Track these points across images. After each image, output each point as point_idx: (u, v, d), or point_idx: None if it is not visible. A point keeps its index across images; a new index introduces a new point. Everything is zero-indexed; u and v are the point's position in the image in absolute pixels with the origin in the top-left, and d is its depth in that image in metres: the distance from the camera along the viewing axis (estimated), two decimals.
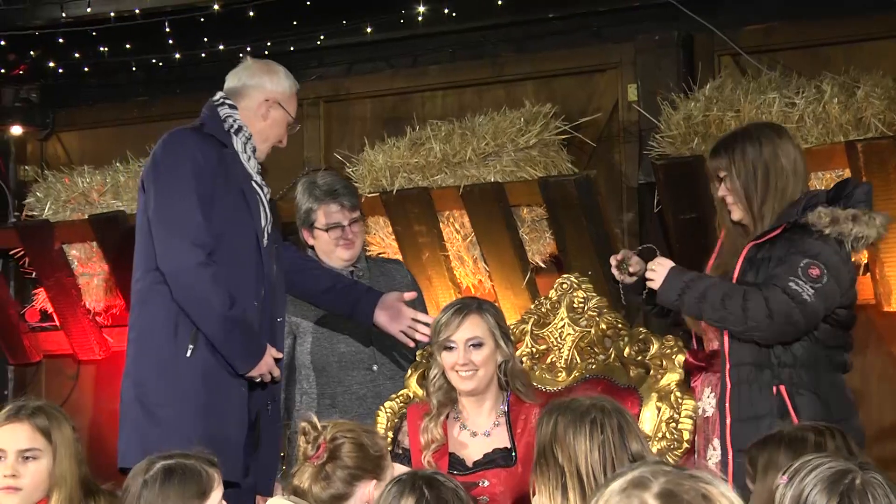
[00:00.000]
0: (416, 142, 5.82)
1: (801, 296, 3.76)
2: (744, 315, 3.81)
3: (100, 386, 6.82)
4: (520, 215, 5.74)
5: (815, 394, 3.78)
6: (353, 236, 4.86)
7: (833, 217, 3.80)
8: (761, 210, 3.93)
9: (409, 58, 6.32)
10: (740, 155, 3.96)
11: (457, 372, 4.02)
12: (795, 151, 3.98)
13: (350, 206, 4.86)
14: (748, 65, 5.56)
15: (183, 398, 4.18)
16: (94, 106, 7.02)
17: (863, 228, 3.80)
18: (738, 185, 3.95)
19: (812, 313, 3.78)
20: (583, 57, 5.95)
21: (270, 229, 4.39)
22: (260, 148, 4.42)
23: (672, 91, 5.49)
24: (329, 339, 4.81)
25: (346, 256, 4.85)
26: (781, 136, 4.00)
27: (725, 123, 5.20)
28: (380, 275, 4.93)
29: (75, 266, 6.66)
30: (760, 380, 3.83)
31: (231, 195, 4.26)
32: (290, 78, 4.50)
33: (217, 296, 4.15)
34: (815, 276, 3.78)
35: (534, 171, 5.63)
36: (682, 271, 3.97)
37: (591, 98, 5.96)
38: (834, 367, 3.86)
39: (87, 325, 6.71)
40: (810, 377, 3.80)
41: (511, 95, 6.02)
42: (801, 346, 3.83)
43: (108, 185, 6.48)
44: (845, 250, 3.83)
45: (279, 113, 4.43)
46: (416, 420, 4.11)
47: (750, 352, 3.86)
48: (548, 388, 4.36)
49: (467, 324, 4.04)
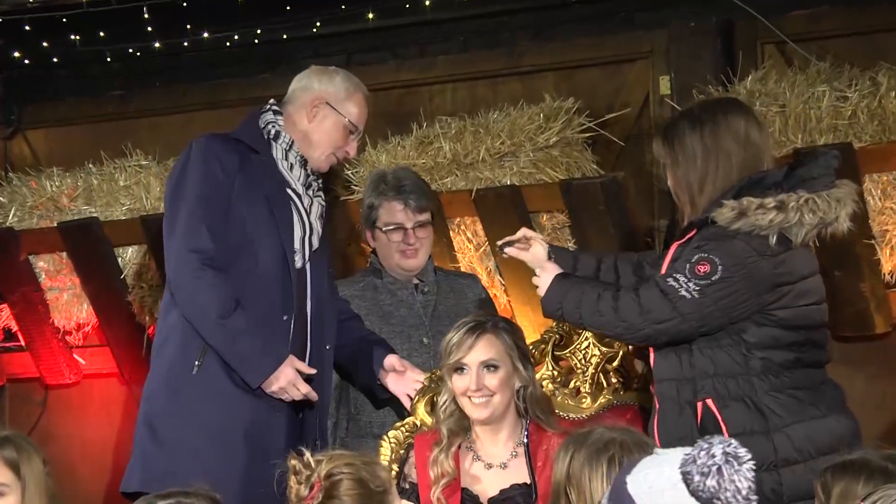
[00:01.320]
0: (423, 140, 5.82)
1: (679, 292, 3.74)
2: (616, 316, 3.82)
3: (71, 413, 6.79)
4: (539, 222, 5.73)
5: (745, 402, 3.76)
6: (417, 243, 4.79)
7: (740, 210, 3.74)
8: (699, 201, 3.88)
9: (416, 47, 6.33)
10: (679, 141, 3.91)
11: (469, 398, 4.01)
12: (748, 127, 3.89)
13: (416, 206, 4.80)
14: (795, 54, 5.55)
15: (188, 418, 4.30)
16: (65, 101, 7.02)
17: (792, 216, 3.72)
18: (680, 175, 3.92)
19: (693, 311, 3.74)
20: (610, 46, 5.95)
21: (314, 243, 4.48)
22: (312, 156, 4.53)
23: (709, 84, 5.48)
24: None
25: (407, 266, 4.80)
26: (730, 111, 3.92)
27: (769, 120, 5.19)
28: (449, 291, 4.88)
29: (43, 279, 6.65)
30: (682, 396, 3.81)
31: (256, 204, 4.39)
32: (349, 81, 4.60)
33: (213, 302, 4.27)
34: (703, 273, 3.73)
35: (554, 172, 5.62)
36: (565, 278, 3.98)
37: (619, 92, 5.96)
38: (776, 370, 3.81)
39: (55, 346, 6.70)
40: (739, 385, 3.77)
41: (529, 89, 6.02)
42: (725, 353, 3.80)
43: (80, 190, 6.47)
44: (765, 244, 3.74)
45: (328, 114, 4.53)
46: (424, 451, 4.10)
47: (670, 367, 3.85)
48: (570, 416, 4.35)
49: (481, 344, 4.03)
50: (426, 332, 4.72)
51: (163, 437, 4.33)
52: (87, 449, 6.68)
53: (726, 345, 3.79)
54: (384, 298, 4.80)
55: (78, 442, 6.65)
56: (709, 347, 3.80)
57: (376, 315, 4.76)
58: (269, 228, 4.39)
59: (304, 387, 4.34)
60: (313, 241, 4.50)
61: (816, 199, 3.75)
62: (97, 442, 6.64)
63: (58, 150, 7.08)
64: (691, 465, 2.69)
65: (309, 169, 4.56)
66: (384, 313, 4.76)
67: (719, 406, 3.75)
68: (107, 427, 6.63)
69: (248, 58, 6.56)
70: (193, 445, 4.27)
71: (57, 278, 6.64)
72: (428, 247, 4.85)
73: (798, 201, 3.74)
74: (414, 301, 4.77)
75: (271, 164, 4.48)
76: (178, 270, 4.34)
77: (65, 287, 6.64)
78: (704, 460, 2.68)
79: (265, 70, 6.56)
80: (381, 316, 4.75)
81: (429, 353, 4.65)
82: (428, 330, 4.73)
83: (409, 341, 4.72)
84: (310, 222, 4.50)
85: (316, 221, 4.53)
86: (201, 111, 6.68)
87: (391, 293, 4.81)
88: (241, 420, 4.32)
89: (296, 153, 4.52)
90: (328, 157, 4.57)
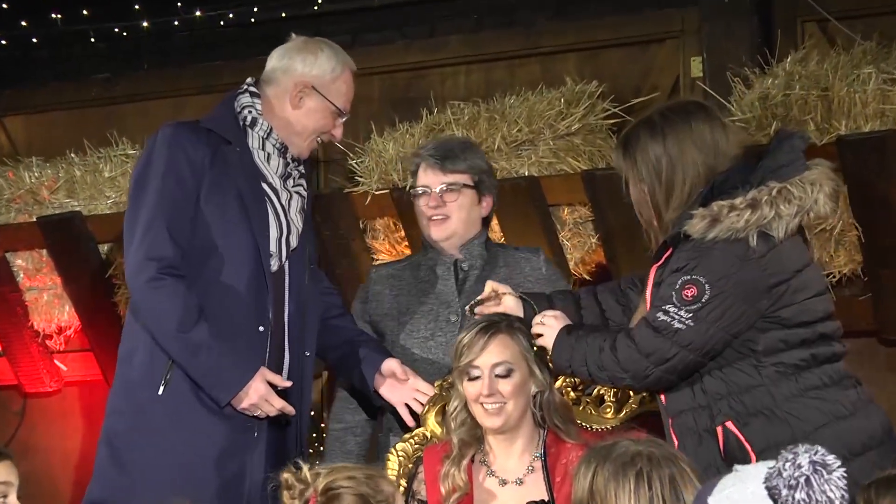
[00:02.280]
0: (433, 128, 5.82)
1: (672, 325, 3.73)
2: (619, 367, 3.82)
3: (51, 424, 6.81)
4: (559, 216, 5.73)
5: (766, 415, 3.75)
6: (445, 209, 4.64)
7: (712, 217, 3.71)
8: (666, 216, 3.87)
9: (426, 26, 6.33)
10: (641, 153, 3.89)
11: (481, 405, 4.00)
12: (713, 133, 3.86)
13: (439, 165, 4.63)
14: (838, 33, 5.54)
15: (152, 440, 4.24)
16: (45, 85, 7.04)
17: (768, 210, 3.69)
18: (645, 190, 3.89)
19: (694, 340, 3.73)
20: (637, 24, 5.95)
21: (292, 242, 4.43)
22: (295, 143, 4.46)
23: (745, 66, 5.48)
24: (403, 342, 4.69)
25: (434, 236, 4.66)
26: (693, 117, 3.88)
27: (810, 105, 5.19)
28: (502, 265, 4.71)
29: (21, 279, 6.66)
30: (699, 425, 3.80)
31: (226, 204, 4.32)
32: (335, 59, 4.50)
33: (172, 314, 4.21)
34: (692, 297, 3.72)
35: (576, 162, 5.62)
36: (569, 332, 3.96)
37: (647, 74, 5.96)
38: (791, 373, 3.79)
39: (35, 351, 6.70)
40: (756, 399, 3.76)
41: (549, 71, 6.02)
42: (735, 369, 3.78)
43: (62, 181, 6.48)
44: (746, 248, 3.71)
45: (315, 100, 4.45)
46: (434, 465, 4.08)
47: (682, 398, 3.84)
48: (593, 427, 4.34)
49: (494, 346, 4.01)
50: (455, 309, 4.65)
51: (124, 458, 4.28)
52: (68, 461, 6.69)
53: (735, 360, 3.78)
54: (424, 275, 4.71)
55: (59, 454, 6.66)
56: (717, 368, 3.79)
57: (408, 294, 4.69)
58: (240, 231, 4.31)
59: (277, 402, 4.27)
60: (291, 241, 4.42)
61: (790, 188, 3.73)
62: (79, 454, 6.65)
63: (37, 138, 7.10)
64: (777, 478, 2.68)
65: (289, 157, 4.47)
66: (419, 291, 4.69)
67: (740, 425, 3.74)
68: (90, 438, 6.61)
69: (243, 38, 6.56)
70: (157, 471, 4.20)
71: (36, 277, 6.66)
72: (462, 216, 4.64)
73: (770, 194, 3.71)
74: (449, 276, 4.71)
75: (245, 156, 4.38)
76: (134, 280, 4.26)
77: (45, 287, 6.65)
78: (791, 472, 2.67)
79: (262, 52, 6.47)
80: (414, 294, 4.68)
81: (454, 331, 4.55)
82: (458, 306, 4.63)
83: (437, 320, 4.64)
84: (287, 220, 4.42)
85: (295, 217, 4.45)
86: (193, 96, 6.68)
87: (430, 269, 4.71)
88: (213, 444, 4.25)
89: (274, 141, 4.43)
90: (311, 143, 4.50)
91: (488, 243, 4.75)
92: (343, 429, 4.70)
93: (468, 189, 4.65)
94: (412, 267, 4.76)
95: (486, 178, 4.70)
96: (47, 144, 6.91)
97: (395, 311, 4.69)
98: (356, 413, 4.72)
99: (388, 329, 4.68)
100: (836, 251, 5.37)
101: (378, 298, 4.72)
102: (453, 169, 4.63)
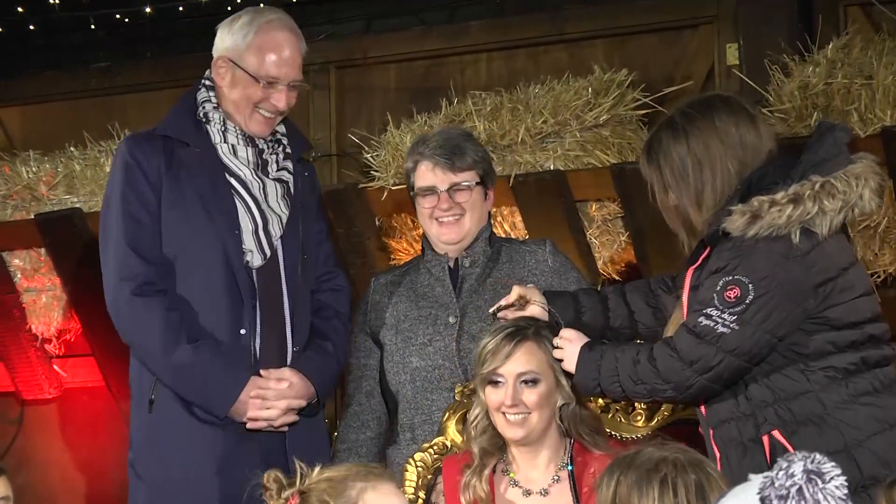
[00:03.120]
0: (453, 119, 5.84)
1: (716, 330, 3.73)
2: (659, 377, 3.81)
3: (50, 433, 6.83)
4: (587, 213, 5.74)
5: (815, 423, 3.76)
6: (456, 209, 4.62)
7: (752, 213, 3.73)
8: (697, 220, 3.88)
9: (445, 11, 6.35)
10: (665, 157, 3.91)
11: (503, 414, 4.01)
12: (739, 126, 3.88)
13: (447, 164, 4.60)
14: (883, 17, 5.55)
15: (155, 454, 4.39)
16: (42, 74, 7.08)
17: (811, 206, 3.71)
18: (673, 196, 3.91)
19: (739, 345, 3.74)
20: (668, 9, 5.96)
21: (275, 230, 4.45)
22: (238, 121, 4.45)
23: (784, 52, 5.49)
24: (402, 351, 4.69)
25: (445, 238, 4.65)
26: (716, 112, 3.91)
27: (853, 94, 5.19)
28: (505, 260, 4.70)
29: (18, 279, 6.69)
30: (744, 435, 3.80)
31: (188, 207, 4.38)
32: (249, 24, 4.45)
33: (151, 338, 4.32)
34: (735, 298, 3.73)
35: (605, 155, 5.64)
36: (592, 348, 3.96)
37: (679, 62, 5.97)
38: (841, 378, 3.80)
39: (33, 356, 6.73)
40: (804, 406, 3.77)
41: (576, 59, 6.04)
42: (781, 375, 3.79)
43: (61, 176, 6.50)
44: (789, 245, 3.74)
45: (235, 72, 4.44)
46: (454, 475, 4.09)
47: (724, 407, 3.84)
48: (623, 436, 4.36)
49: (520, 354, 4.01)
50: (454, 311, 4.66)
51: (140, 473, 4.43)
52: (68, 473, 6.71)
53: (781, 365, 3.79)
54: (423, 279, 4.72)
55: (58, 465, 6.68)
56: (762, 374, 3.80)
57: (406, 300, 4.69)
58: (208, 234, 4.37)
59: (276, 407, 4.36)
60: (272, 230, 4.44)
61: (833, 182, 3.74)
62: (80, 465, 6.68)
63: (34, 130, 7.13)
64: (770, 488, 2.67)
65: (261, 143, 4.49)
66: (416, 296, 4.72)
67: (787, 434, 3.74)
68: (91, 448, 6.66)
69: None
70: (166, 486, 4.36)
71: (34, 278, 6.67)
72: (475, 215, 4.64)
73: (813, 189, 3.72)
74: (445, 277, 4.67)
75: (207, 153, 4.42)
76: (113, 305, 4.41)
77: (43, 288, 6.66)
78: (783, 481, 2.67)
79: None
80: (412, 300, 4.69)
81: (452, 334, 4.59)
82: (456, 308, 4.65)
83: (435, 324, 4.64)
84: (262, 210, 4.44)
85: (279, 204, 4.47)
86: None
87: (428, 271, 4.72)
88: (213, 455, 4.36)
89: (235, 130, 4.46)
90: (253, 117, 4.46)
91: (492, 238, 4.74)
92: (346, 449, 4.72)
93: (478, 186, 4.64)
94: (412, 272, 4.77)
95: (489, 169, 4.71)
96: (45, 137, 6.93)
97: (392, 320, 4.71)
98: (360, 431, 4.74)
99: (387, 339, 4.70)
100: (881, 249, 5.37)
101: (377, 309, 4.74)
102: (462, 166, 4.61)
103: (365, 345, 4.75)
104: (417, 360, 4.64)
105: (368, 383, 4.74)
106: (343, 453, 4.70)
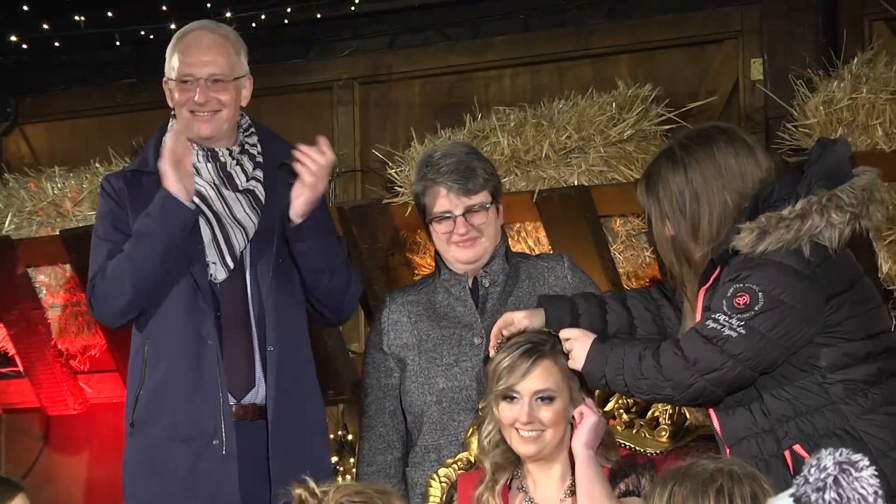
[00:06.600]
0: (477, 135, 5.84)
1: (722, 333, 3.75)
2: (661, 374, 3.84)
3: (75, 448, 6.87)
4: (611, 228, 5.75)
5: (838, 435, 3.75)
6: (473, 231, 4.64)
7: (761, 229, 3.76)
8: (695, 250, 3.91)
9: (469, 26, 6.37)
10: (664, 188, 3.95)
11: (517, 430, 4.02)
12: (739, 158, 3.92)
13: (461, 189, 4.61)
14: None
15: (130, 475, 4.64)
16: (68, 91, 7.11)
17: (818, 219, 3.73)
18: (670, 228, 3.94)
19: (745, 351, 3.75)
20: (693, 24, 5.96)
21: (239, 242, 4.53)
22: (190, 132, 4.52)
23: (808, 67, 5.49)
24: (426, 372, 4.70)
25: (463, 258, 4.67)
26: (715, 143, 3.93)
27: (879, 109, 5.19)
28: (525, 278, 4.73)
29: (43, 295, 6.71)
30: (765, 451, 3.80)
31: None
32: (173, 42, 4.59)
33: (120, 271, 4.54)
34: (744, 305, 3.75)
35: (629, 171, 5.64)
36: (602, 342, 3.99)
37: (704, 77, 5.97)
38: (861, 389, 3.81)
39: (58, 372, 6.74)
40: (826, 418, 3.77)
41: (600, 74, 6.05)
42: (799, 388, 3.79)
43: (86, 192, 6.51)
44: (801, 258, 3.76)
45: (170, 86, 4.58)
46: (468, 491, 4.11)
47: (741, 423, 3.85)
48: (648, 451, 4.37)
49: (538, 371, 4.02)
50: (479, 332, 4.66)
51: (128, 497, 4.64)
52: (92, 489, 6.73)
53: (798, 378, 3.80)
54: (441, 299, 4.73)
55: (83, 481, 6.70)
56: (780, 387, 3.81)
57: (427, 320, 4.70)
58: None
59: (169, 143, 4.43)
60: (234, 242, 4.52)
61: (840, 195, 3.76)
62: (105, 481, 6.66)
63: (60, 147, 7.16)
64: (805, 486, 2.70)
65: (224, 157, 4.58)
66: (437, 316, 4.73)
67: (809, 448, 3.73)
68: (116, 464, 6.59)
69: (276, 41, 6.60)
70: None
71: (59, 294, 6.69)
72: (490, 233, 4.66)
73: (820, 202, 3.75)
74: (467, 297, 4.70)
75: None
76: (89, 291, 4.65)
77: (68, 304, 6.68)
78: (817, 475, 2.68)
79: (296, 55, 6.61)
80: (434, 319, 4.71)
81: (479, 354, 4.58)
82: (481, 328, 4.64)
83: (459, 345, 4.66)
84: (223, 224, 4.52)
85: (247, 215, 4.54)
86: None
87: (446, 291, 4.73)
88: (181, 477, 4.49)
89: (194, 148, 4.55)
90: (188, 122, 4.54)
91: (508, 254, 4.75)
92: (375, 472, 4.71)
93: (491, 205, 4.66)
94: (428, 291, 4.78)
95: (497, 182, 4.73)
96: (70, 154, 6.96)
97: (414, 340, 4.71)
98: (387, 452, 4.74)
99: (409, 359, 4.71)
100: None
101: (396, 328, 4.75)
102: (475, 189, 4.63)
103: (385, 364, 4.75)
104: (444, 382, 4.65)
105: (392, 402, 4.75)
106: (372, 476, 4.69)
